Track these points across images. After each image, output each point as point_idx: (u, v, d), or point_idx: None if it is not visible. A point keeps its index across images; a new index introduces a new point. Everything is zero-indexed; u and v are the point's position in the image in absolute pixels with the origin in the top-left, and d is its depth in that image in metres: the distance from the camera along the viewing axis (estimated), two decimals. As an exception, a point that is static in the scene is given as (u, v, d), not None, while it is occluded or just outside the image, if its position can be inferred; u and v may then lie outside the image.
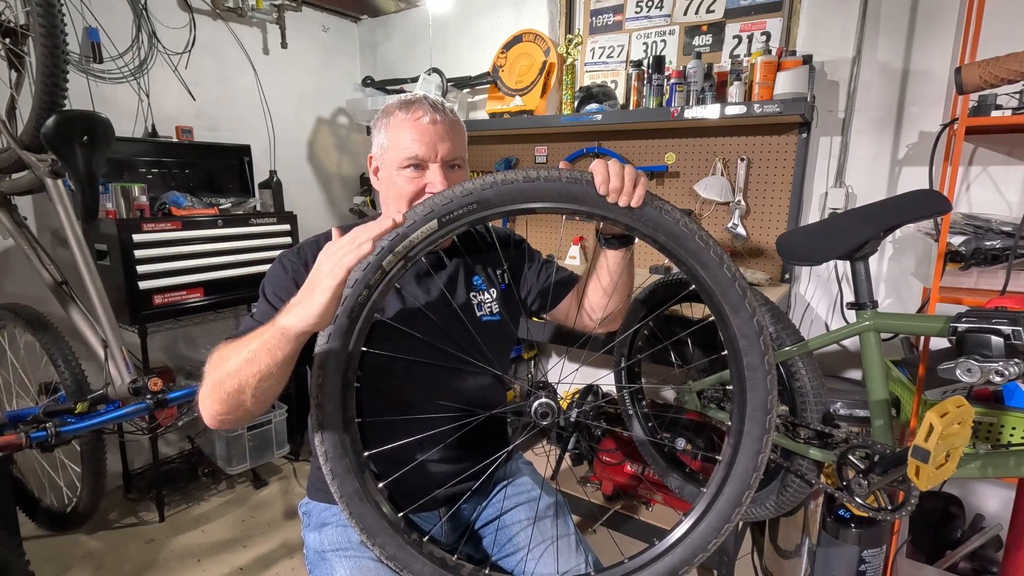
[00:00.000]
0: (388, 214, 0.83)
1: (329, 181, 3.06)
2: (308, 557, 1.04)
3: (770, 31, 1.99)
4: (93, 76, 2.12)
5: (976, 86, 1.27)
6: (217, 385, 0.79)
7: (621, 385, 1.66)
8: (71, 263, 1.57)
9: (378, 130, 1.02)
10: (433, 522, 1.07)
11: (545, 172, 0.80)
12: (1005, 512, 1.69)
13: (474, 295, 1.10)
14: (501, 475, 1.16)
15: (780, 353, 1.21)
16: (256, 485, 2.37)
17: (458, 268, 1.10)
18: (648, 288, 1.52)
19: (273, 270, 1.01)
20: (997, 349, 0.90)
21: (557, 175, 0.80)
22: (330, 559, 0.98)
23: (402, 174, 0.98)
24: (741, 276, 0.84)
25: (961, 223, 1.49)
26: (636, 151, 2.30)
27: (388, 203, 1.03)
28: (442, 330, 1.03)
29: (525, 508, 1.10)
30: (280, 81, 2.73)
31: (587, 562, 1.03)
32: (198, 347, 2.57)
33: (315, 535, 1.03)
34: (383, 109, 1.03)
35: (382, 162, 1.02)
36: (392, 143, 0.99)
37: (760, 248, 2.08)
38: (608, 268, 1.05)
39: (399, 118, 0.99)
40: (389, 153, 1.00)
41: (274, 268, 1.01)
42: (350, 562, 0.95)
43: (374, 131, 1.03)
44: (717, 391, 1.42)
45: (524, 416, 0.92)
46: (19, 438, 1.34)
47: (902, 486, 1.01)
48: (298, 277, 0.97)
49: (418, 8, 2.84)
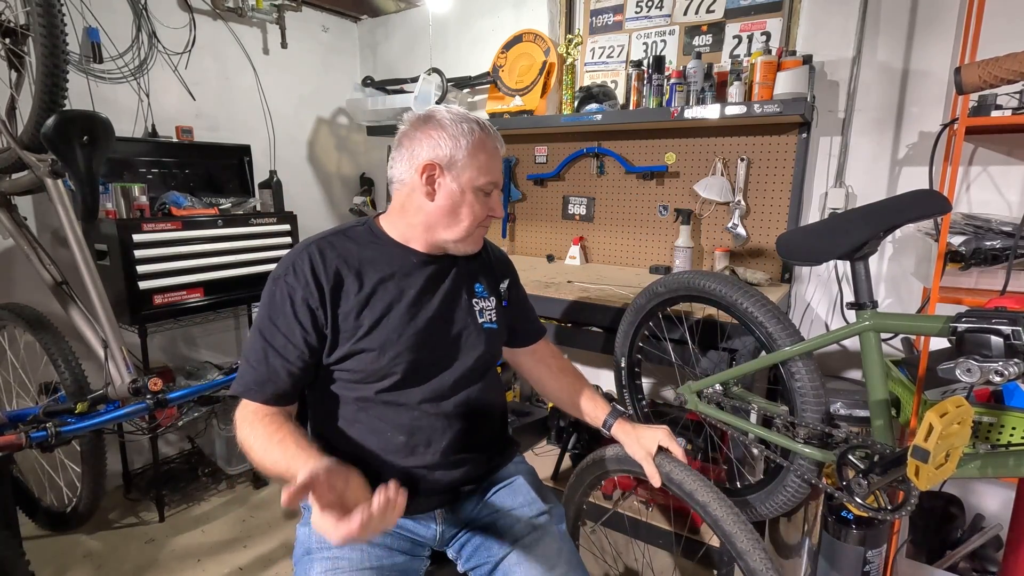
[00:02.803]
0: (444, 233, 1.02)
1: (329, 181, 3.06)
2: (295, 551, 1.04)
3: (770, 31, 1.99)
4: (93, 76, 2.12)
5: (976, 86, 1.27)
6: (248, 452, 0.91)
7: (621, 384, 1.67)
8: (71, 263, 1.57)
9: (453, 140, 0.98)
10: (429, 524, 1.07)
11: None
12: (1005, 512, 1.69)
13: (476, 301, 1.12)
14: (499, 477, 1.16)
15: (780, 353, 1.21)
16: (256, 485, 2.37)
17: (462, 274, 1.12)
18: (647, 294, 1.52)
19: (276, 297, 0.98)
20: (997, 349, 0.90)
21: None
22: (313, 555, 0.98)
23: (478, 195, 1.01)
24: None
25: (961, 223, 1.49)
26: (636, 151, 2.30)
27: (451, 220, 1.02)
28: (441, 328, 1.05)
29: (515, 528, 1.07)
30: (280, 81, 2.73)
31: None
32: (198, 347, 2.57)
33: (305, 530, 1.03)
34: (455, 119, 1.00)
35: (453, 175, 0.99)
36: (472, 162, 0.99)
37: (760, 248, 2.08)
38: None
39: (481, 139, 1.00)
40: (467, 171, 0.99)
41: (276, 294, 0.98)
42: (328, 563, 0.95)
43: (445, 138, 0.98)
44: (717, 391, 1.42)
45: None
46: (19, 438, 1.34)
47: (902, 486, 1.01)
48: (309, 297, 0.96)
49: (418, 8, 2.84)
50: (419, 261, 1.05)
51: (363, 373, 0.99)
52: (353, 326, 0.98)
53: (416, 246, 1.05)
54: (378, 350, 0.98)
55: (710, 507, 1.02)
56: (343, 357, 0.98)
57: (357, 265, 1.00)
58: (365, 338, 0.98)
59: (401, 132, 1.04)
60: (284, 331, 0.95)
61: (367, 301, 0.99)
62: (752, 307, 1.27)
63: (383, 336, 0.98)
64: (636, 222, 2.36)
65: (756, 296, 1.28)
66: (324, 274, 0.97)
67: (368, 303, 0.99)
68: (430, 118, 1.01)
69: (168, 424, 2.05)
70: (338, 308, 0.98)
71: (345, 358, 0.98)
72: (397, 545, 1.03)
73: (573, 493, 1.35)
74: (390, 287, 1.01)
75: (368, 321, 0.98)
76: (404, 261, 1.04)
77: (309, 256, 0.98)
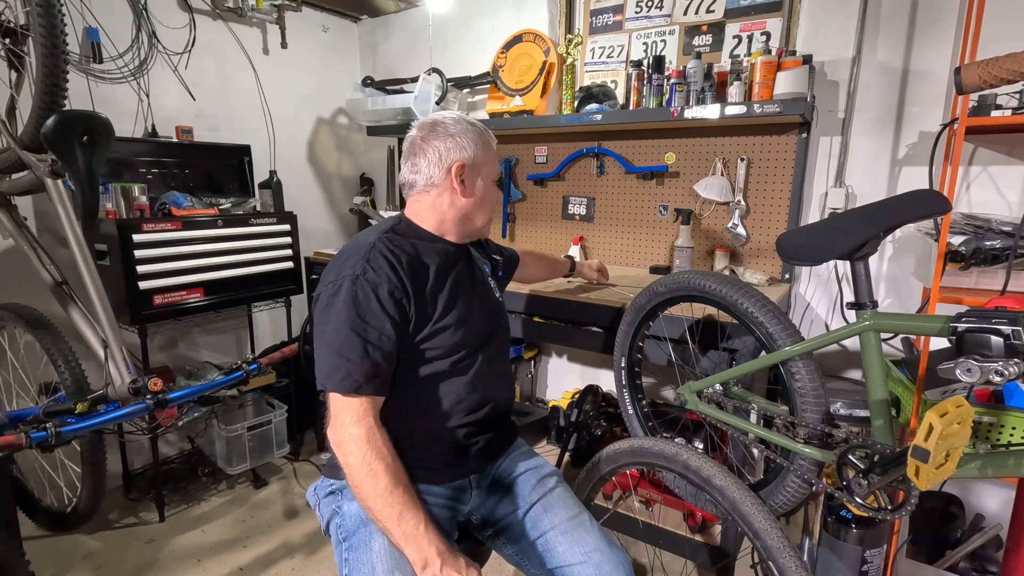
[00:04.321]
0: (478, 221, 1.19)
1: (329, 181, 3.06)
2: (344, 525, 1.07)
3: (770, 31, 1.99)
4: (93, 76, 2.12)
5: (976, 86, 1.27)
6: (361, 472, 0.96)
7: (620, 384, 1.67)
8: (71, 263, 1.57)
9: (472, 142, 1.13)
10: (464, 488, 1.18)
11: None
12: (1005, 512, 1.69)
13: (489, 279, 1.30)
14: (514, 444, 1.30)
15: (780, 353, 1.21)
16: (256, 485, 2.37)
17: (470, 259, 1.26)
18: (647, 294, 1.52)
19: (358, 296, 1.02)
20: (997, 349, 0.90)
21: None
22: (371, 526, 1.02)
23: (494, 186, 1.21)
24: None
25: (961, 223, 1.49)
26: (636, 151, 2.30)
27: (480, 210, 1.19)
28: (485, 304, 1.22)
29: (534, 485, 1.19)
30: (280, 81, 2.73)
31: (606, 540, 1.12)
32: (198, 347, 2.57)
33: (354, 505, 1.06)
34: (467, 123, 1.15)
35: (477, 171, 1.15)
36: (488, 158, 1.17)
37: (760, 248, 2.08)
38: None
39: (488, 138, 1.18)
40: (487, 166, 1.17)
41: (358, 293, 1.02)
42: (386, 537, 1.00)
43: (466, 142, 1.13)
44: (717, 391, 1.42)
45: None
46: (19, 438, 1.33)
47: (902, 486, 1.01)
48: (395, 289, 1.04)
49: (418, 8, 2.84)
50: (454, 251, 1.19)
51: (444, 348, 1.10)
52: (432, 308, 1.09)
53: (450, 237, 1.18)
54: (455, 326, 1.10)
55: (727, 491, 1.09)
56: (429, 336, 1.08)
57: (419, 256, 1.11)
58: (444, 317, 1.09)
59: (415, 141, 1.14)
60: (376, 325, 1.01)
61: (438, 286, 1.11)
62: (752, 307, 1.27)
63: (458, 314, 1.11)
64: (636, 222, 2.36)
65: (756, 296, 1.29)
66: (400, 265, 1.06)
67: (440, 287, 1.11)
68: (441, 123, 1.14)
69: (168, 424, 2.05)
70: (420, 294, 1.08)
71: (430, 336, 1.08)
72: (438, 522, 1.05)
73: (581, 492, 1.36)
74: (447, 272, 1.14)
75: (442, 302, 1.10)
76: (445, 251, 1.17)
77: (380, 252, 1.06)
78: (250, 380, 1.79)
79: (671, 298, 1.49)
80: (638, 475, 1.96)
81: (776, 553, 0.98)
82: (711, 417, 1.38)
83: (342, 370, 0.98)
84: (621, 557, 1.07)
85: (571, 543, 1.08)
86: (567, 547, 1.08)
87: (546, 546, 1.10)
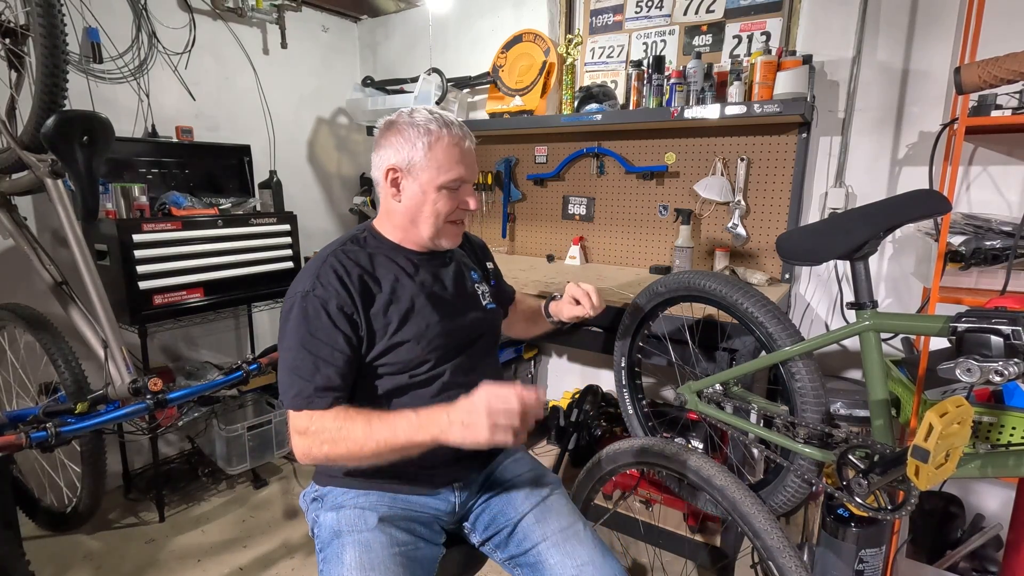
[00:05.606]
0: (423, 231, 1.09)
1: (329, 181, 3.06)
2: (320, 535, 1.07)
3: (770, 31, 1.99)
4: (93, 76, 2.12)
5: (976, 86, 1.27)
6: (338, 451, 0.94)
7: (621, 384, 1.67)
8: (71, 263, 1.57)
9: (409, 143, 1.05)
10: (447, 498, 1.13)
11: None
12: (1005, 512, 1.69)
13: (477, 286, 1.23)
14: (505, 452, 1.25)
15: (780, 353, 1.21)
16: (256, 485, 2.37)
17: (459, 265, 1.22)
18: (647, 294, 1.52)
19: (309, 311, 1.01)
20: (997, 349, 0.90)
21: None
22: (344, 538, 1.01)
23: (441, 194, 1.07)
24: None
25: (961, 223, 1.49)
26: (636, 151, 2.30)
27: (419, 219, 1.09)
28: (460, 314, 1.15)
29: (528, 492, 1.16)
30: (280, 81, 2.73)
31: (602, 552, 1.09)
32: (198, 347, 2.57)
33: (332, 515, 1.06)
34: (411, 123, 1.06)
35: (412, 176, 1.07)
36: (431, 162, 1.05)
37: (760, 248, 2.08)
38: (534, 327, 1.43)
39: (441, 138, 1.05)
40: (426, 172, 1.06)
41: (309, 309, 1.01)
42: (361, 546, 0.99)
43: (401, 142, 1.06)
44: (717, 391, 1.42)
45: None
46: (19, 438, 1.33)
47: (902, 486, 1.01)
48: (343, 304, 1.01)
49: (418, 8, 2.84)
50: (419, 258, 1.14)
51: (401, 364, 1.06)
52: (384, 323, 1.05)
53: (408, 245, 1.14)
54: (413, 340, 1.05)
55: (727, 491, 1.09)
56: (382, 352, 1.05)
57: (372, 268, 1.08)
58: (399, 332, 1.05)
59: (375, 138, 1.12)
60: (327, 341, 1.00)
61: (390, 299, 1.06)
62: (752, 307, 1.27)
63: (415, 328, 1.06)
64: (636, 222, 2.36)
65: (756, 296, 1.29)
66: (349, 280, 1.03)
67: (392, 300, 1.06)
68: (392, 123, 1.08)
69: (168, 424, 2.05)
70: (369, 309, 1.04)
71: (384, 353, 1.05)
72: (420, 531, 1.07)
73: (581, 491, 1.37)
74: (405, 283, 1.09)
75: (396, 317, 1.05)
76: (407, 260, 1.13)
77: (331, 267, 1.04)
78: (250, 380, 1.79)
79: (671, 298, 1.49)
80: (638, 475, 1.96)
81: (776, 553, 0.98)
82: (711, 417, 1.38)
83: (295, 387, 0.98)
84: (616, 569, 1.04)
85: (563, 555, 1.05)
86: (559, 559, 1.05)
87: (538, 558, 1.07)
